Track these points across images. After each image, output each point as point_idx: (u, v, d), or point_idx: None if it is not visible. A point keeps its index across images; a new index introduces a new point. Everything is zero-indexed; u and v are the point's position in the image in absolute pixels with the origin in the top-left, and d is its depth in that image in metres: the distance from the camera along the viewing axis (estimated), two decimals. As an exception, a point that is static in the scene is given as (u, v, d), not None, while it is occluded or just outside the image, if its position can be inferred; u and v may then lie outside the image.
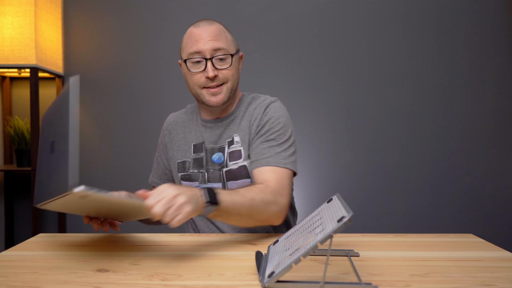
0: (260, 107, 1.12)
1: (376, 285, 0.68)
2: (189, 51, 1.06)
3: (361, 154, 2.05)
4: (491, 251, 0.88)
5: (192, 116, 1.20)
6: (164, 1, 2.06)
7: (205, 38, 1.05)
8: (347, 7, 2.03)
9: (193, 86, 1.09)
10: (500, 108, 2.03)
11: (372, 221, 2.05)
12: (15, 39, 1.80)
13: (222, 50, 1.05)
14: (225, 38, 1.08)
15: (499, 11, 2.02)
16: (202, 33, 1.06)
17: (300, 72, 2.04)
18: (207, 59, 1.05)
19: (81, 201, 0.73)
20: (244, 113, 1.14)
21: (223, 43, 1.06)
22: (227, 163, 1.10)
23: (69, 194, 0.67)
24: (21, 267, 0.78)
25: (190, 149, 1.15)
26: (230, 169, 1.09)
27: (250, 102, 1.16)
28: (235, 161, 1.09)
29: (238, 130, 1.12)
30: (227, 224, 1.12)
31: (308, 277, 0.72)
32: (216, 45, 1.05)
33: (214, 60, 1.05)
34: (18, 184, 2.13)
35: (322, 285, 0.65)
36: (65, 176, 0.67)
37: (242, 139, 1.11)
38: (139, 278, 0.72)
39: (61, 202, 0.75)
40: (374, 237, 1.00)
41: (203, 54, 1.05)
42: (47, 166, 0.79)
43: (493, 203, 2.05)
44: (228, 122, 1.13)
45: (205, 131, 1.14)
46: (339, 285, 0.66)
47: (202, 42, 1.05)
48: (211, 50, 1.05)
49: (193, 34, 1.07)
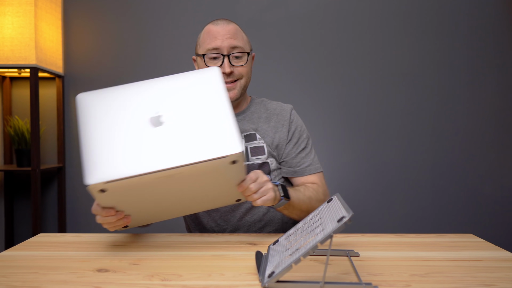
0: (284, 114, 1.20)
1: (376, 285, 0.68)
2: (207, 47, 1.10)
3: (361, 154, 2.05)
4: (491, 251, 0.88)
5: None
6: (164, 1, 2.06)
7: (223, 36, 1.10)
8: (348, 7, 2.03)
9: None
10: (500, 108, 2.03)
11: (372, 221, 2.05)
12: (15, 39, 1.80)
13: (239, 48, 1.11)
14: (242, 37, 1.13)
15: (499, 11, 2.02)
16: (220, 31, 1.10)
17: (300, 72, 2.04)
18: (224, 55, 1.09)
19: (169, 180, 0.76)
20: (261, 113, 1.20)
21: (240, 42, 1.11)
22: (249, 157, 1.14)
23: (232, 155, 0.73)
24: (21, 267, 0.78)
25: None
26: (253, 164, 1.14)
27: (261, 103, 1.23)
28: (258, 156, 1.15)
29: (258, 129, 1.17)
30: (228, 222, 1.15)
31: (308, 277, 0.72)
32: (234, 43, 1.10)
33: (230, 57, 1.10)
34: (18, 184, 2.13)
35: (322, 285, 0.65)
36: (231, 138, 0.74)
37: (264, 137, 1.17)
38: (139, 278, 0.72)
39: (144, 181, 0.73)
40: (374, 237, 1.00)
41: (221, 50, 1.09)
42: (139, 139, 0.75)
43: (493, 203, 2.05)
44: (240, 118, 1.19)
45: None
46: (339, 285, 0.67)
47: (220, 39, 1.09)
48: (229, 47, 1.09)
49: (212, 31, 1.11)
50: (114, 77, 2.07)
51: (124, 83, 0.80)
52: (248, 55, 1.13)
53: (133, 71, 2.06)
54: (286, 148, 1.18)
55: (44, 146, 2.10)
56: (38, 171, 1.83)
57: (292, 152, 1.18)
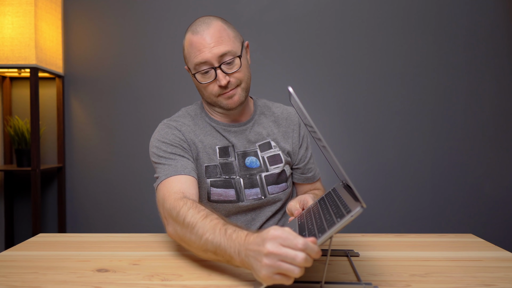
0: (292, 118, 1.17)
1: (376, 285, 0.68)
2: (195, 62, 0.99)
3: (361, 154, 2.05)
4: (491, 251, 0.88)
5: (198, 121, 1.10)
6: (164, 1, 2.06)
7: (208, 45, 0.97)
8: (347, 7, 2.03)
9: (208, 96, 1.04)
10: (500, 108, 2.04)
11: (372, 221, 2.05)
12: (15, 39, 1.80)
13: (228, 54, 0.98)
14: (228, 38, 1.00)
15: (499, 11, 2.02)
16: (203, 40, 0.98)
17: (300, 72, 2.04)
18: (216, 67, 0.98)
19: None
20: (268, 116, 1.16)
21: (228, 45, 0.98)
22: (268, 167, 1.09)
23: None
24: (21, 267, 0.78)
25: (215, 153, 1.07)
26: (272, 173, 1.09)
27: (265, 105, 1.18)
28: (276, 165, 1.10)
29: (270, 135, 1.12)
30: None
31: (308, 277, 0.72)
32: (222, 50, 0.97)
33: (223, 67, 0.99)
34: (18, 184, 2.13)
35: (322, 285, 0.65)
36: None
37: (277, 143, 1.12)
38: (139, 278, 0.72)
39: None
40: (374, 237, 1.00)
41: (210, 63, 0.98)
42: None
43: (493, 203, 2.05)
44: (251, 125, 1.12)
45: (229, 135, 1.09)
46: (339, 285, 0.67)
47: (205, 50, 0.97)
48: (217, 57, 0.97)
49: (194, 43, 0.99)
50: (114, 77, 2.07)
51: (124, 82, 0.78)
52: (241, 56, 1.01)
53: (133, 71, 2.06)
54: (299, 153, 1.16)
55: (44, 146, 2.10)
56: (38, 171, 1.83)
57: (304, 157, 1.17)
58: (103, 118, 2.08)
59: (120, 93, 2.07)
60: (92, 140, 2.09)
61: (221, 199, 1.06)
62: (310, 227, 0.67)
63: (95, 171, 2.09)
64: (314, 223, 0.67)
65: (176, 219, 0.80)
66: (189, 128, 1.08)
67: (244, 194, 1.06)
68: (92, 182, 2.09)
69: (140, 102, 2.07)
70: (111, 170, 2.09)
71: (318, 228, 0.63)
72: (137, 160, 2.07)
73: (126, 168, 2.08)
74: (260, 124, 1.13)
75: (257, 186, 1.08)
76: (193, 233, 0.75)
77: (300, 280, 0.69)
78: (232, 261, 0.68)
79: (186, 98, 2.05)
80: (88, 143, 2.09)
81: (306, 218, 0.75)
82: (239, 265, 0.67)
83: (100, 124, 2.08)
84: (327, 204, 0.74)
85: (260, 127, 1.12)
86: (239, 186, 1.06)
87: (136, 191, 2.07)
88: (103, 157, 2.09)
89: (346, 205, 0.63)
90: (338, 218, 0.60)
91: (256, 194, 1.07)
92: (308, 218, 0.74)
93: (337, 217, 0.61)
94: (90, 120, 2.08)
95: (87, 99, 2.08)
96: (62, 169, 2.05)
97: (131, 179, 2.08)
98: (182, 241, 0.80)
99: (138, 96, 2.07)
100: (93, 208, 2.09)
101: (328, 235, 0.58)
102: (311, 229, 0.65)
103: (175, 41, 2.05)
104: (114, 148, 2.09)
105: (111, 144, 2.08)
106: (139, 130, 2.07)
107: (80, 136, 2.09)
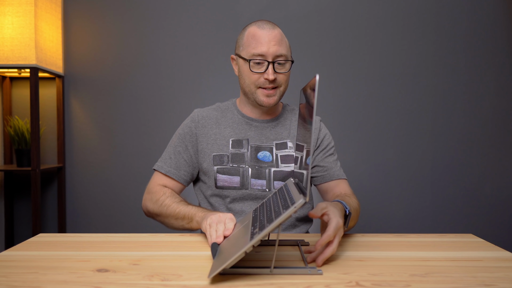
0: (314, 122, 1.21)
1: (320, 269, 0.74)
2: (252, 52, 1.10)
3: (360, 154, 2.05)
4: (491, 251, 0.88)
5: (227, 114, 1.23)
6: (164, 1, 2.05)
7: (269, 42, 1.10)
8: (347, 7, 2.03)
9: (249, 84, 1.14)
10: (500, 108, 2.04)
11: (372, 221, 2.05)
12: (15, 39, 1.80)
13: (283, 56, 1.11)
14: (285, 44, 1.13)
15: (499, 11, 2.02)
16: (266, 36, 1.10)
17: (299, 72, 2.04)
18: (269, 62, 1.10)
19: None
20: (291, 121, 1.22)
21: (284, 49, 1.12)
22: (279, 164, 1.16)
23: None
24: (21, 267, 0.78)
25: (228, 144, 1.17)
26: (282, 171, 1.16)
27: (292, 111, 1.25)
28: (287, 164, 1.16)
29: (290, 136, 1.19)
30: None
31: (260, 263, 0.79)
32: (279, 51, 1.10)
33: (275, 64, 1.10)
34: (18, 184, 2.13)
35: (271, 269, 0.73)
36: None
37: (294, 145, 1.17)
38: (139, 278, 0.72)
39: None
40: (374, 237, 1.00)
41: (266, 57, 1.10)
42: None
43: (493, 203, 2.05)
44: (274, 124, 1.21)
45: (249, 129, 1.19)
46: (286, 269, 0.74)
47: (266, 46, 1.09)
48: (274, 54, 1.10)
49: (257, 36, 1.11)
50: (114, 77, 2.07)
51: (124, 83, 0.79)
52: (292, 63, 1.14)
53: (133, 71, 2.06)
54: (314, 154, 1.21)
55: (44, 146, 2.10)
56: (38, 171, 1.83)
57: (319, 157, 1.21)
58: (103, 118, 2.08)
59: (120, 93, 2.07)
60: (92, 140, 2.09)
61: (226, 185, 1.15)
62: (261, 219, 0.79)
63: (95, 171, 2.09)
64: (265, 215, 0.80)
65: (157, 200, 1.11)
66: (210, 121, 1.20)
67: (250, 183, 1.15)
68: (92, 182, 2.09)
69: (140, 102, 2.07)
70: (111, 170, 2.09)
71: (267, 219, 0.75)
72: (137, 160, 2.07)
73: (126, 167, 2.08)
74: (284, 125, 1.21)
75: (264, 178, 1.15)
76: (169, 209, 1.08)
77: (253, 265, 0.76)
78: (191, 224, 1.02)
79: (186, 98, 2.05)
80: (88, 143, 2.09)
81: (259, 211, 0.87)
82: (196, 225, 1.01)
83: (100, 124, 2.08)
84: (277, 198, 0.86)
85: (282, 128, 1.21)
86: (246, 175, 1.15)
87: (136, 191, 2.07)
88: (103, 157, 2.09)
89: (292, 198, 0.75)
90: (284, 210, 0.72)
91: (261, 185, 1.15)
92: (261, 212, 0.86)
93: (283, 208, 0.73)
94: (90, 120, 2.08)
95: (87, 99, 2.08)
96: (62, 169, 2.05)
97: (131, 179, 2.08)
98: (159, 212, 1.10)
99: (138, 96, 2.07)
100: (93, 208, 2.09)
101: (275, 224, 0.70)
102: (262, 220, 0.78)
103: (175, 41, 2.05)
104: (114, 148, 2.08)
105: (111, 144, 2.08)
106: (139, 130, 2.07)
107: (80, 136, 2.09)
